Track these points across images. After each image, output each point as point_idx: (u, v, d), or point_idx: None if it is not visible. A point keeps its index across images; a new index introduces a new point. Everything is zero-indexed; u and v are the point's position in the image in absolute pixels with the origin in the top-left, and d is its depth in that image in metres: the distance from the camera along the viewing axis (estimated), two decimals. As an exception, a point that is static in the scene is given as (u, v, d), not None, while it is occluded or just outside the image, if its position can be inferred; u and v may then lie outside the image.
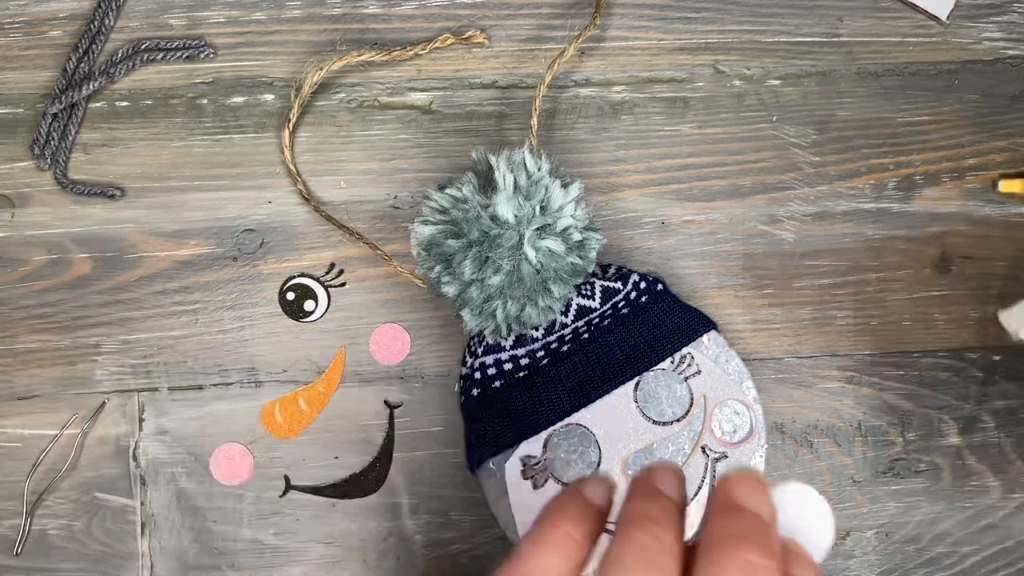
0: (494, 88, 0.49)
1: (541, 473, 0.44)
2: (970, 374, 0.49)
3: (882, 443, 0.48)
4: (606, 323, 0.46)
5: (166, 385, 0.47)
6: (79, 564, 0.46)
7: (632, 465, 0.44)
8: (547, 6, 0.50)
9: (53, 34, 0.48)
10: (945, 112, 0.50)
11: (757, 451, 0.45)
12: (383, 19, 0.49)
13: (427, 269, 0.43)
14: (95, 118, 0.48)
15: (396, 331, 0.48)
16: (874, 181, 0.49)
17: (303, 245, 0.48)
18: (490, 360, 0.45)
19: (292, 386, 0.47)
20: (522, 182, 0.41)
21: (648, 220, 0.49)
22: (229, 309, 0.48)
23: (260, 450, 0.47)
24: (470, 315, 0.42)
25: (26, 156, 0.48)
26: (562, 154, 0.49)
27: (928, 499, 0.48)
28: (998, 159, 0.50)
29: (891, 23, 0.50)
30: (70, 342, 0.47)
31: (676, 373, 0.45)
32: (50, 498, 0.47)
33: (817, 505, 0.27)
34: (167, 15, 0.49)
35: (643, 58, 0.49)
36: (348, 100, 0.49)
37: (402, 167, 0.48)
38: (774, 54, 0.50)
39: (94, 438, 0.47)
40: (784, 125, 0.49)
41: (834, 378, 0.48)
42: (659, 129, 0.49)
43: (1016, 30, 0.50)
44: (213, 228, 0.48)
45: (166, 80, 0.48)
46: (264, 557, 0.47)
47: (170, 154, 0.48)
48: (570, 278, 0.42)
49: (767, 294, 0.49)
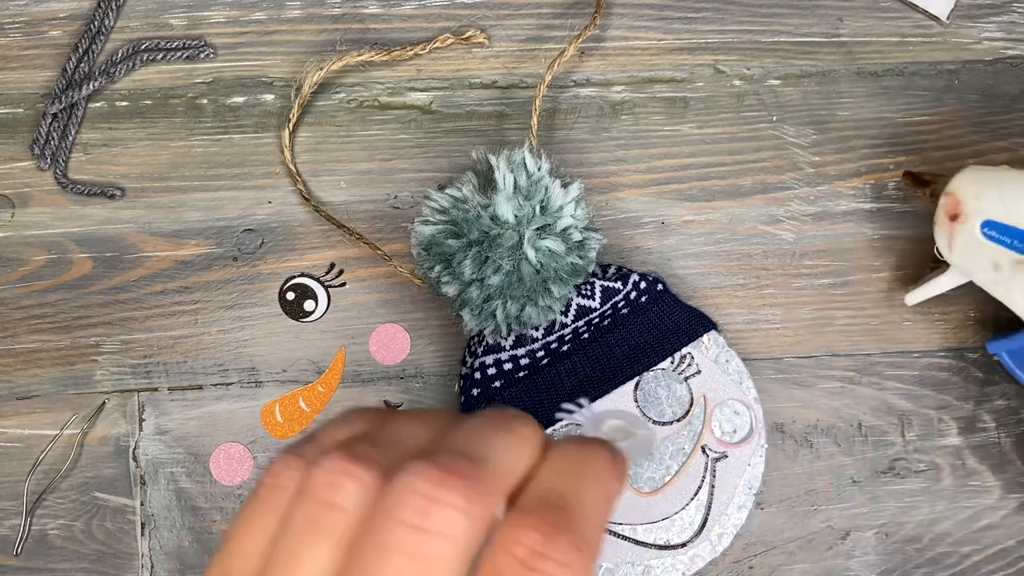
0: (494, 88, 0.49)
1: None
2: (970, 374, 0.49)
3: (882, 443, 0.48)
4: (606, 323, 0.46)
5: (166, 385, 0.47)
6: (79, 564, 0.46)
7: (632, 465, 0.44)
8: (547, 6, 0.50)
9: (53, 34, 0.48)
10: (945, 112, 0.50)
11: (757, 451, 0.45)
12: (383, 19, 0.49)
13: (427, 269, 0.43)
14: (95, 118, 0.48)
15: (396, 331, 0.48)
16: (874, 181, 0.49)
17: (303, 245, 0.48)
18: (490, 360, 0.45)
19: (292, 386, 0.47)
20: (522, 182, 0.41)
21: (648, 220, 0.49)
22: (229, 309, 0.48)
23: (260, 450, 0.47)
24: (470, 315, 0.42)
25: (26, 156, 0.48)
26: (562, 154, 0.49)
27: (928, 499, 0.48)
28: (998, 159, 0.49)
29: (891, 23, 0.50)
30: (70, 342, 0.47)
31: (676, 373, 0.45)
32: (50, 498, 0.47)
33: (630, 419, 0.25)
34: (167, 15, 0.49)
35: (643, 58, 0.49)
36: (348, 100, 0.49)
37: (402, 167, 0.48)
38: (774, 54, 0.50)
39: (94, 438, 0.47)
40: (784, 125, 0.49)
41: (834, 378, 0.48)
42: (659, 129, 0.49)
43: (1016, 30, 0.50)
44: (213, 228, 0.48)
45: (166, 80, 0.48)
46: (264, 557, 0.47)
47: (170, 154, 0.48)
48: (570, 278, 0.42)
49: (767, 294, 0.49)
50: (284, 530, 0.20)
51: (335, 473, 0.20)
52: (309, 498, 0.20)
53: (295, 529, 0.20)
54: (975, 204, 0.42)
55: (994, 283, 0.43)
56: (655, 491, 0.44)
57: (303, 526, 0.20)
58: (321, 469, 0.20)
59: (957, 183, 0.43)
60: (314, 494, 0.20)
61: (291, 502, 0.20)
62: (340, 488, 0.20)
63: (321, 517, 0.20)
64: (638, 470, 0.44)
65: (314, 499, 0.20)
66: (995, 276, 0.42)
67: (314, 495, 0.20)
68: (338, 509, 0.20)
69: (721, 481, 0.44)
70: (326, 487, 0.20)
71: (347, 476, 0.20)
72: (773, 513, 0.48)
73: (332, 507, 0.20)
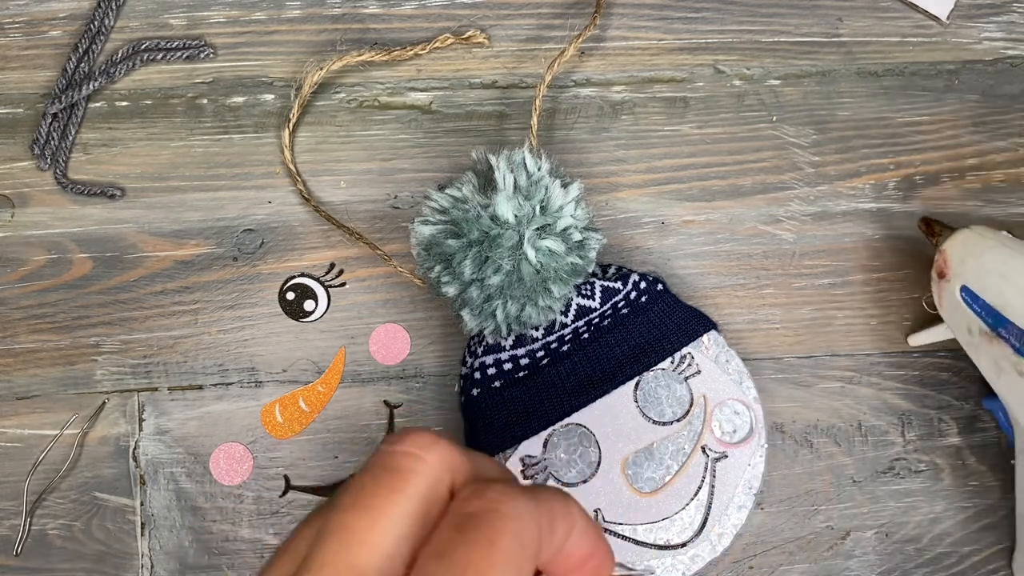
0: (494, 88, 0.49)
1: (541, 473, 0.44)
2: (970, 374, 0.49)
3: (882, 443, 0.48)
4: (606, 323, 0.46)
5: (166, 385, 0.47)
6: (79, 564, 0.46)
7: (632, 465, 0.44)
8: (547, 6, 0.50)
9: (53, 34, 0.48)
10: (945, 112, 0.50)
11: (757, 451, 0.45)
12: (383, 19, 0.49)
13: (427, 269, 0.43)
14: (95, 118, 0.48)
15: (396, 331, 0.48)
16: (874, 181, 0.49)
17: (303, 245, 0.48)
18: (490, 360, 0.45)
19: (292, 386, 0.47)
20: (522, 182, 0.41)
21: (648, 220, 0.49)
22: (229, 309, 0.48)
23: (260, 450, 0.47)
24: (470, 315, 0.42)
25: (26, 156, 0.48)
26: (562, 154, 0.49)
27: (928, 499, 0.48)
28: (998, 159, 0.50)
29: (891, 23, 0.50)
30: (70, 342, 0.47)
31: (676, 373, 0.45)
32: (50, 498, 0.47)
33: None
34: (167, 15, 0.49)
35: (643, 58, 0.49)
36: (348, 100, 0.49)
37: (402, 167, 0.48)
38: (774, 54, 0.50)
39: (94, 438, 0.47)
40: (784, 125, 0.49)
41: (834, 378, 0.48)
42: (659, 129, 0.49)
43: (1016, 30, 0.50)
44: (213, 228, 0.48)
45: (166, 80, 0.48)
46: (264, 557, 0.47)
47: (170, 154, 0.48)
48: (570, 278, 0.42)
49: (767, 294, 0.49)
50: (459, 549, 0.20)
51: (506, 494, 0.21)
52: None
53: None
54: (959, 268, 0.42)
55: (967, 344, 0.44)
56: (655, 491, 0.44)
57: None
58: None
59: (950, 242, 0.43)
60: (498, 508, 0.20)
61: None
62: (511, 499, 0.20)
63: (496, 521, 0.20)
64: (639, 470, 0.44)
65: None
66: (968, 339, 0.43)
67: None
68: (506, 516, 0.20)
69: (721, 481, 0.44)
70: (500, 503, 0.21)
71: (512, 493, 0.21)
72: (773, 513, 0.48)
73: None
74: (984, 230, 0.43)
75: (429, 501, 0.20)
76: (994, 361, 0.42)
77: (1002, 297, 0.40)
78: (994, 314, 0.41)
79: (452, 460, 0.21)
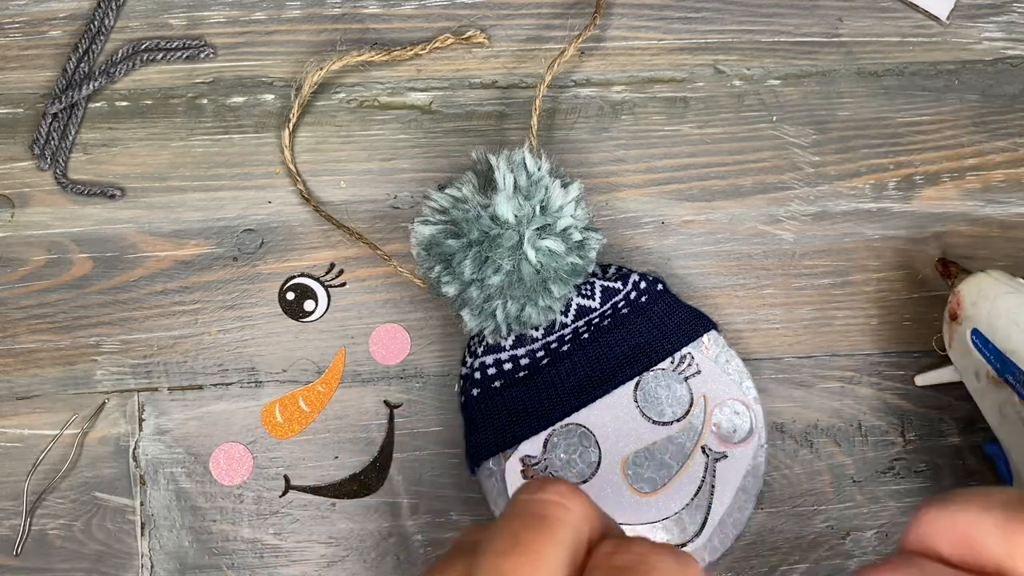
0: (494, 88, 0.49)
1: (541, 473, 0.44)
2: (970, 374, 0.49)
3: (882, 443, 0.48)
4: (606, 323, 0.46)
5: (166, 385, 0.47)
6: (78, 564, 0.46)
7: (632, 465, 0.44)
8: (547, 6, 0.50)
9: (53, 34, 0.49)
10: (945, 112, 0.50)
11: (757, 451, 0.45)
12: (383, 19, 0.49)
13: (427, 269, 0.43)
14: (95, 118, 0.48)
15: (396, 331, 0.48)
16: (874, 181, 0.49)
17: (303, 245, 0.48)
18: (490, 360, 0.45)
19: (292, 386, 0.47)
20: (522, 182, 0.41)
21: (648, 220, 0.49)
22: (229, 309, 0.48)
23: (260, 450, 0.47)
24: (470, 315, 0.42)
25: (26, 156, 0.48)
26: (562, 154, 0.49)
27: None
28: (998, 159, 0.50)
29: (891, 23, 0.50)
30: (70, 342, 0.47)
31: (676, 373, 0.45)
32: (50, 498, 0.47)
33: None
34: (167, 15, 0.49)
35: (643, 58, 0.49)
36: (348, 100, 0.49)
37: (402, 167, 0.48)
38: (774, 54, 0.50)
39: (94, 438, 0.47)
40: (784, 125, 0.49)
41: (834, 378, 0.48)
42: (659, 129, 0.49)
43: (1016, 30, 0.50)
44: (213, 228, 0.48)
45: (166, 80, 0.48)
46: (264, 557, 0.47)
47: (170, 154, 0.48)
48: (570, 278, 0.42)
49: (767, 294, 0.49)
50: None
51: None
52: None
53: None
54: (971, 311, 0.42)
55: (974, 390, 0.44)
56: (655, 491, 0.44)
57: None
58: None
59: (965, 285, 0.43)
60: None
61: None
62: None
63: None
64: (639, 470, 0.44)
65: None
66: (975, 384, 0.43)
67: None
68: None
69: (721, 481, 0.44)
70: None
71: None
72: (773, 513, 0.48)
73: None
74: (1000, 275, 0.42)
75: (576, 550, 0.22)
76: (998, 407, 0.42)
77: (1011, 342, 0.40)
78: (1002, 359, 0.41)
79: (589, 511, 0.23)
